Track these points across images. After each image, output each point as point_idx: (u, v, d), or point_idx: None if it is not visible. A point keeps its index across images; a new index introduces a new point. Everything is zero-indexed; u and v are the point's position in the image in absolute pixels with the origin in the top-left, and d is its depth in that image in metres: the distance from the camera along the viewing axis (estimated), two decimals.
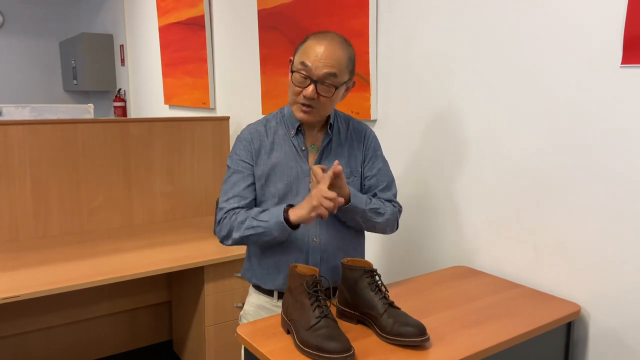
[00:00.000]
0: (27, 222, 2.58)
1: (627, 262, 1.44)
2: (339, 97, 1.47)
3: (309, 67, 1.39)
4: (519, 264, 1.73)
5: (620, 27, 1.40)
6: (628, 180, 1.42)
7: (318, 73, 1.39)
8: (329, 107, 1.46)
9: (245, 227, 1.43)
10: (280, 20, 2.72)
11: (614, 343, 1.49)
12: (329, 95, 1.41)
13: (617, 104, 1.43)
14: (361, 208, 1.46)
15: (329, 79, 1.39)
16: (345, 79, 1.44)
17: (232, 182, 1.51)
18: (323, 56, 1.38)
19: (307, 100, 1.41)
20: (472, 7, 1.80)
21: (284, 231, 1.40)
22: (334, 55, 1.39)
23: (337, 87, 1.42)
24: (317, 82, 1.39)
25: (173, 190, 2.99)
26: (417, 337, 1.21)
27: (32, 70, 6.08)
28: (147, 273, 2.12)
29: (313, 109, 1.43)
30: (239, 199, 1.49)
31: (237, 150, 1.53)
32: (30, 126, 2.56)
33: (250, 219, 1.43)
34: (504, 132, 1.74)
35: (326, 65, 1.38)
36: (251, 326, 1.36)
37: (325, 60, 1.38)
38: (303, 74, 1.40)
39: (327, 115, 1.51)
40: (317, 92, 1.40)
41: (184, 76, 3.87)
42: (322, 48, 1.39)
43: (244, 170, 1.50)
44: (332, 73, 1.39)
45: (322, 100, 1.42)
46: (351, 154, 1.56)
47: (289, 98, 1.48)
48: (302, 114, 1.45)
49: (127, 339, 2.88)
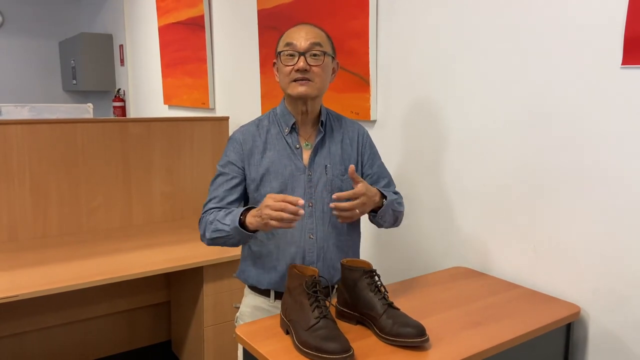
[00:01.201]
0: (26, 222, 2.58)
1: (627, 263, 1.44)
2: (329, 70, 1.50)
3: (294, 44, 1.45)
4: (518, 265, 1.73)
5: (620, 28, 1.40)
6: (628, 181, 1.42)
7: (304, 45, 1.44)
8: (323, 79, 1.48)
9: (212, 230, 1.45)
10: (280, 20, 2.72)
11: (613, 344, 1.49)
12: (319, 63, 1.45)
13: (618, 105, 1.43)
14: (390, 200, 1.50)
15: (314, 48, 1.45)
16: (330, 51, 1.49)
17: (216, 184, 1.53)
18: (304, 32, 1.46)
19: (301, 73, 1.44)
20: (471, 8, 1.80)
21: (245, 236, 1.40)
22: (313, 31, 1.48)
23: (325, 54, 1.46)
24: (305, 54, 1.43)
25: (172, 190, 2.98)
26: (417, 338, 1.21)
27: (31, 70, 6.07)
28: (146, 273, 2.12)
29: (309, 82, 1.45)
30: (218, 200, 1.51)
31: (227, 152, 1.54)
32: (29, 126, 2.56)
33: (215, 222, 1.44)
34: (504, 132, 1.74)
35: (309, 38, 1.45)
36: (250, 326, 1.36)
37: (307, 35, 1.46)
38: (290, 51, 1.45)
39: (323, 90, 1.51)
40: (308, 63, 1.44)
41: (183, 76, 3.86)
42: (299, 29, 1.48)
43: (229, 172, 1.52)
44: (316, 42, 1.45)
45: (314, 71, 1.45)
46: (345, 151, 1.57)
47: (282, 84, 1.49)
48: (300, 88, 1.45)
49: (125, 339, 2.87)
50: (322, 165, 1.52)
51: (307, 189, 1.50)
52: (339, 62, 1.56)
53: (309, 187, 1.51)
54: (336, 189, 1.51)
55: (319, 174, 1.51)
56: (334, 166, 1.53)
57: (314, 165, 1.52)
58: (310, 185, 1.51)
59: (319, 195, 1.51)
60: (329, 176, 1.52)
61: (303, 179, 1.50)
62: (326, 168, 1.52)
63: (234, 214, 1.41)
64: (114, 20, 5.28)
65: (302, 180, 1.50)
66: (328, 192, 1.51)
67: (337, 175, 1.53)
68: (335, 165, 1.53)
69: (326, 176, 1.51)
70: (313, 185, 1.51)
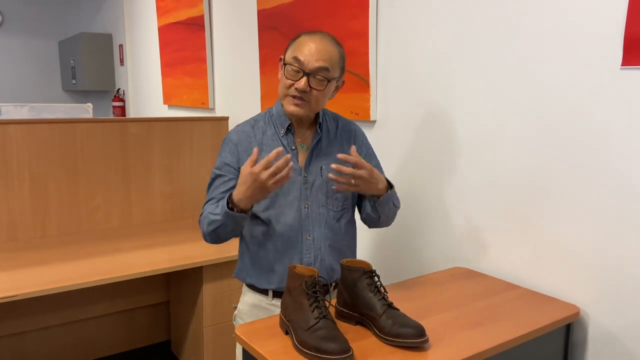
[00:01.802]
0: (26, 221, 2.58)
1: (627, 263, 1.44)
2: (329, 93, 1.48)
3: (302, 61, 1.41)
4: (518, 266, 1.73)
5: (620, 29, 1.40)
6: (628, 182, 1.42)
7: (311, 66, 1.40)
8: (320, 102, 1.47)
9: (207, 223, 1.45)
10: (280, 20, 2.72)
11: (613, 345, 1.49)
12: (321, 88, 1.43)
13: (617, 105, 1.43)
14: (394, 191, 1.50)
15: (321, 72, 1.41)
16: (337, 75, 1.46)
17: (213, 186, 1.53)
18: (316, 51, 1.41)
19: (299, 93, 1.42)
20: (471, 8, 1.80)
21: (236, 218, 1.39)
22: (326, 50, 1.42)
23: (329, 81, 1.43)
24: (310, 75, 1.41)
25: (172, 190, 2.98)
26: (416, 339, 1.21)
27: (30, 69, 6.07)
28: (146, 273, 2.12)
29: (305, 103, 1.44)
30: (215, 201, 1.51)
31: (222, 153, 1.54)
32: (29, 125, 2.55)
33: (208, 215, 1.45)
34: (503, 132, 1.74)
35: (319, 59, 1.40)
36: (249, 326, 1.36)
37: (318, 55, 1.41)
38: (295, 67, 1.42)
39: (317, 111, 1.51)
40: (310, 85, 1.41)
41: (183, 76, 3.86)
42: (314, 44, 1.42)
43: (226, 174, 1.51)
44: (324, 67, 1.41)
45: (314, 94, 1.43)
46: (341, 152, 1.55)
47: (279, 92, 1.49)
48: (293, 107, 1.45)
49: (125, 339, 2.87)
50: (318, 167, 1.52)
51: (302, 190, 1.51)
52: (345, 81, 1.54)
53: (305, 188, 1.51)
54: (331, 191, 1.52)
55: (314, 176, 1.52)
56: (330, 168, 1.52)
57: (310, 167, 1.52)
58: (306, 187, 1.51)
59: (314, 196, 1.51)
60: (324, 178, 1.52)
61: (299, 180, 1.50)
62: (322, 170, 1.52)
63: (222, 201, 1.41)
64: (113, 20, 5.28)
65: (297, 182, 1.50)
66: (323, 193, 1.51)
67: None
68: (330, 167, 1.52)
69: (321, 178, 1.52)
70: (309, 186, 1.51)
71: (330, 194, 1.52)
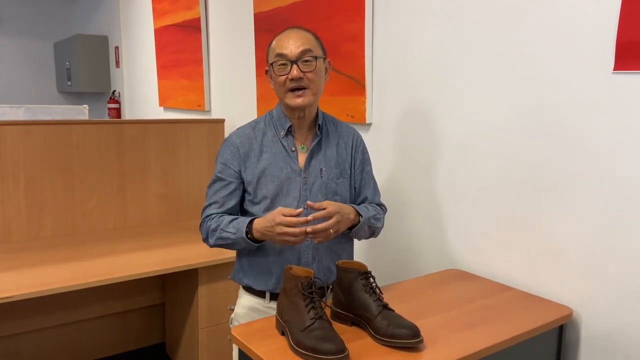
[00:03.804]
0: (21, 223, 2.57)
1: (619, 265, 1.46)
2: (322, 73, 1.51)
3: (285, 54, 1.45)
4: (511, 267, 1.74)
5: (612, 34, 1.42)
6: (620, 185, 1.44)
7: (294, 53, 1.44)
8: (317, 84, 1.49)
9: (217, 237, 1.49)
10: (276, 23, 2.73)
11: (605, 346, 1.51)
12: (312, 68, 1.46)
13: (610, 110, 1.45)
14: (367, 217, 1.51)
15: (305, 54, 1.45)
16: (320, 54, 1.50)
17: (214, 188, 1.55)
18: (292, 39, 1.46)
19: (296, 82, 1.45)
20: (466, 12, 1.82)
21: (252, 246, 1.46)
22: (302, 35, 1.48)
23: (316, 59, 1.46)
24: (297, 62, 1.44)
25: (167, 192, 2.98)
26: (411, 339, 1.22)
27: (26, 71, 6.05)
28: (141, 275, 2.12)
29: (305, 91, 1.47)
30: (218, 205, 1.53)
31: (224, 155, 1.55)
32: (24, 127, 2.55)
33: (219, 230, 1.48)
34: (497, 136, 1.76)
35: (298, 45, 1.45)
36: (246, 327, 1.37)
37: (295, 42, 1.45)
38: (282, 61, 1.45)
39: (319, 95, 1.53)
40: (301, 70, 1.44)
41: (179, 78, 3.87)
42: (288, 36, 1.47)
43: (227, 177, 1.53)
44: (306, 49, 1.45)
45: (309, 77, 1.46)
46: (340, 155, 1.58)
47: (278, 93, 1.51)
48: (297, 99, 1.47)
49: (119, 341, 2.86)
50: (318, 169, 1.54)
51: (302, 191, 1.52)
52: (330, 61, 1.57)
53: (304, 189, 1.52)
54: (331, 192, 1.53)
55: (314, 177, 1.53)
56: (329, 169, 1.55)
57: (310, 168, 1.53)
58: (306, 187, 1.52)
59: (313, 197, 1.52)
60: (324, 179, 1.53)
61: (298, 181, 1.52)
62: (321, 171, 1.54)
63: (239, 223, 1.45)
64: (109, 21, 5.27)
65: (297, 183, 1.52)
66: (323, 194, 1.53)
67: (332, 178, 1.55)
68: (330, 169, 1.55)
69: (321, 179, 1.53)
70: (308, 187, 1.52)
71: (330, 195, 1.53)
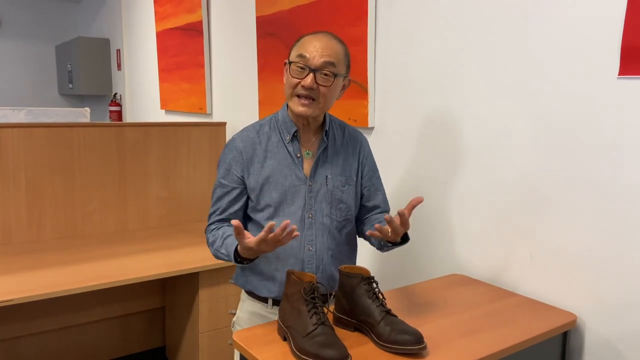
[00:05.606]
0: (21, 225, 2.56)
1: (624, 271, 1.45)
2: (337, 90, 1.44)
3: (307, 58, 1.38)
4: (515, 273, 1.73)
5: (617, 39, 1.42)
6: (625, 191, 1.43)
7: (317, 62, 1.37)
8: (328, 100, 1.43)
9: (213, 252, 1.49)
10: (279, 27, 2.73)
11: (609, 353, 1.49)
12: (328, 84, 1.39)
13: (615, 115, 1.44)
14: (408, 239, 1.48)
15: (327, 67, 1.38)
16: (343, 72, 1.43)
17: (217, 194, 1.52)
18: (321, 47, 1.38)
19: (306, 91, 1.39)
20: (470, 16, 1.81)
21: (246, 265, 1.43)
22: (331, 46, 1.40)
23: (336, 76, 1.40)
24: (316, 71, 1.37)
25: (168, 195, 2.97)
26: (414, 345, 1.20)
27: (27, 73, 6.06)
28: (141, 279, 2.11)
29: (312, 102, 1.41)
30: (220, 211, 1.51)
31: (227, 159, 1.50)
32: (25, 129, 2.55)
33: (214, 250, 1.47)
34: (500, 140, 1.75)
35: (324, 55, 1.38)
36: (247, 333, 1.35)
37: (323, 51, 1.38)
38: (301, 64, 1.38)
39: (325, 111, 1.48)
40: (316, 81, 1.38)
41: (180, 81, 3.86)
42: (319, 41, 1.40)
43: (229, 183, 1.49)
44: (330, 62, 1.38)
45: (321, 91, 1.39)
46: (346, 161, 1.54)
47: (286, 93, 1.45)
48: (301, 108, 1.41)
49: (119, 345, 2.85)
50: (323, 176, 1.49)
51: (307, 199, 1.48)
52: (350, 79, 1.50)
53: (309, 197, 1.48)
54: (336, 200, 1.50)
55: (319, 185, 1.49)
56: (335, 177, 1.50)
57: (316, 175, 1.49)
58: (311, 195, 1.48)
59: (318, 205, 1.49)
60: (329, 187, 1.49)
61: (303, 189, 1.48)
62: (327, 179, 1.49)
63: (228, 247, 1.41)
64: (111, 24, 5.28)
65: (302, 191, 1.48)
66: (327, 203, 1.49)
67: (338, 186, 1.51)
68: (335, 177, 1.51)
69: (326, 187, 1.49)
70: (313, 195, 1.48)
71: (335, 203, 1.50)
